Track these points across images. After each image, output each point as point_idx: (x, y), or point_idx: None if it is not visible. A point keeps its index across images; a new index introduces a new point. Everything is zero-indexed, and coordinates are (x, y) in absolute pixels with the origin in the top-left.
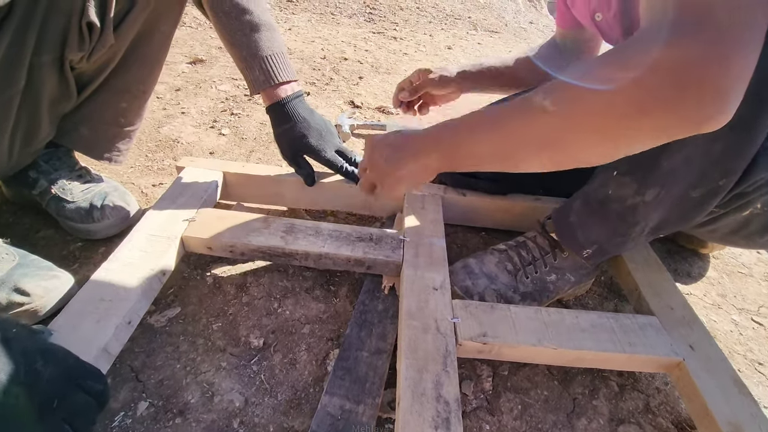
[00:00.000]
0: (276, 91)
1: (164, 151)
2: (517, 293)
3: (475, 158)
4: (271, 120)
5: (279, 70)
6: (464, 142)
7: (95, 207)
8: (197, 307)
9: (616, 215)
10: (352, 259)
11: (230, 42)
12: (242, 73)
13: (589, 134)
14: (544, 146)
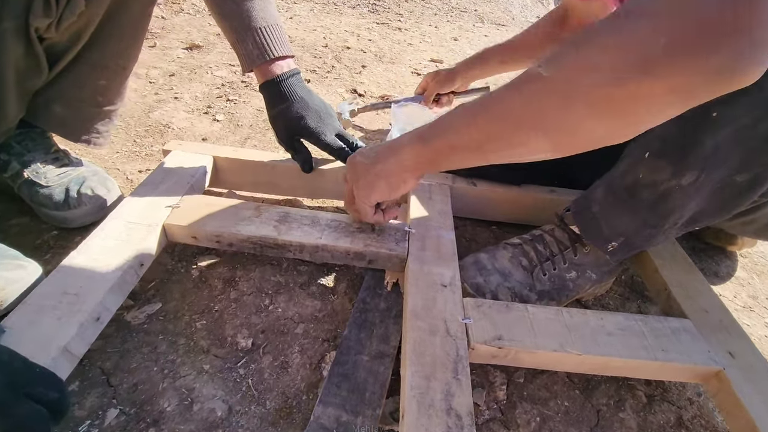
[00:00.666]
0: (271, 67)
1: (153, 136)
2: (533, 291)
3: (459, 150)
4: (266, 100)
5: (274, 43)
6: (445, 130)
7: (71, 193)
8: (180, 303)
9: (647, 204)
10: (352, 251)
11: (220, 13)
12: (233, 48)
13: (594, 101)
14: (542, 124)
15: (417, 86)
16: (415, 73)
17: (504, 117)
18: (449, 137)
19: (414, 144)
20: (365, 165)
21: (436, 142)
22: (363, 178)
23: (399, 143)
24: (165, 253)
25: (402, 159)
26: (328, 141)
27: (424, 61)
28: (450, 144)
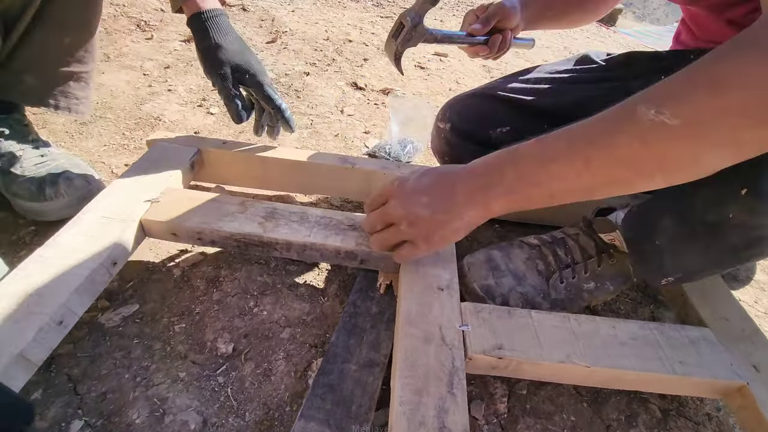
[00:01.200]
0: (201, 2)
1: (143, 129)
2: (546, 300)
3: (560, 196)
4: (197, 32)
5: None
6: (539, 176)
7: (47, 183)
8: (158, 305)
9: (731, 247)
10: (343, 251)
11: None
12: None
13: (732, 142)
14: (665, 167)
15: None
16: (419, 66)
17: (623, 163)
18: (551, 185)
19: (500, 197)
20: (436, 223)
21: (531, 191)
22: (437, 235)
23: (476, 190)
24: (146, 251)
25: (489, 208)
26: (271, 89)
27: (427, 54)
28: (551, 192)
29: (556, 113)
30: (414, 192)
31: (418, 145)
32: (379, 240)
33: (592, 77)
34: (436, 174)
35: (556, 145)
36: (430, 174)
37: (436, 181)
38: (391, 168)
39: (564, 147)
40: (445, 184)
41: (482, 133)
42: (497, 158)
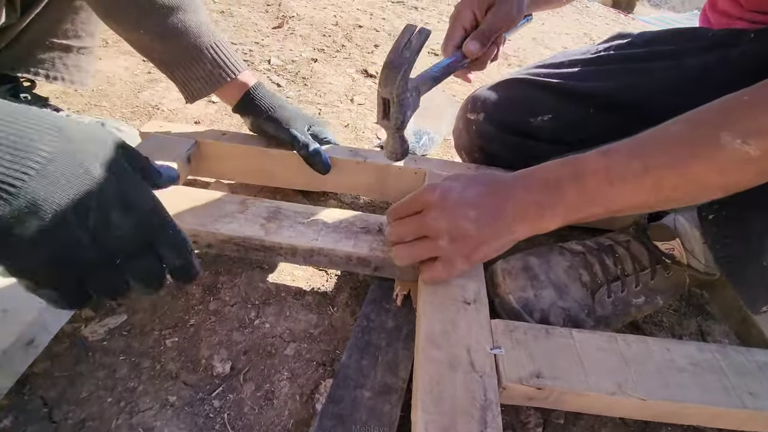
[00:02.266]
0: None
1: (140, 118)
2: (591, 317)
3: (616, 212)
4: (249, 113)
5: (234, 57)
6: (605, 195)
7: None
8: (149, 315)
9: None
10: (354, 257)
11: (159, 33)
12: (180, 72)
13: None
14: (729, 189)
15: (447, 34)
16: (432, 53)
17: (694, 185)
18: (615, 204)
19: (557, 216)
20: (481, 239)
21: (592, 210)
22: (479, 252)
23: (530, 206)
24: None
25: (543, 226)
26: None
27: (440, 40)
28: (613, 210)
29: (603, 97)
30: (460, 204)
31: (434, 136)
32: (406, 253)
33: (637, 55)
34: (484, 185)
35: (627, 164)
36: (477, 184)
37: (484, 192)
38: (409, 163)
39: (637, 167)
40: (494, 197)
41: (522, 123)
42: (555, 172)
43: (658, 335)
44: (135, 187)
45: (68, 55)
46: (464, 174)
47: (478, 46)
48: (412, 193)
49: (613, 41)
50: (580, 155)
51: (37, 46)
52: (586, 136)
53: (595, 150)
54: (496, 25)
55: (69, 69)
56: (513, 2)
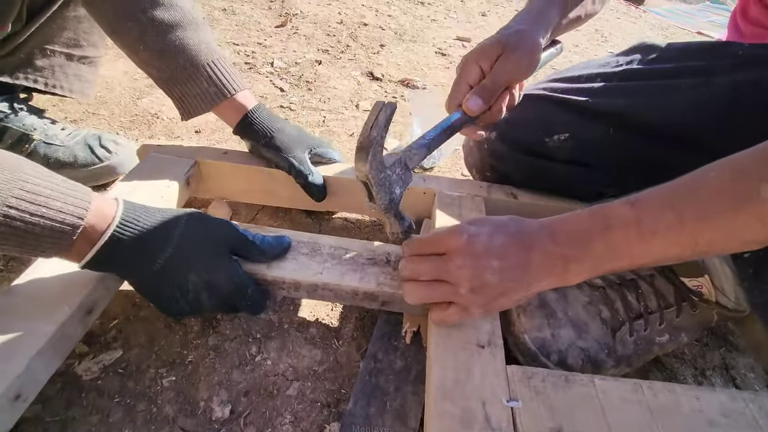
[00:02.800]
0: (239, 102)
1: (140, 128)
2: (611, 356)
3: (642, 264)
4: (249, 137)
5: (232, 76)
6: (635, 249)
7: (93, 146)
8: (145, 351)
9: None
10: (361, 292)
11: (157, 49)
12: (176, 89)
13: None
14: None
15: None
16: (440, 53)
17: (732, 237)
18: (644, 258)
19: (583, 271)
20: (502, 291)
21: (619, 264)
22: (498, 302)
23: (556, 258)
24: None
25: (567, 278)
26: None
27: (449, 39)
28: (640, 263)
29: (624, 116)
30: (486, 253)
31: (441, 148)
32: (421, 293)
33: (662, 71)
34: (511, 234)
35: (659, 216)
36: (504, 233)
37: (510, 242)
38: (418, 183)
39: (671, 220)
40: (520, 248)
41: (537, 142)
42: (583, 224)
43: (680, 369)
44: (225, 277)
45: (69, 64)
46: (490, 219)
47: (479, 103)
48: (435, 232)
49: (636, 53)
50: (608, 204)
51: (37, 54)
52: (605, 157)
53: (624, 199)
54: (502, 79)
55: (69, 78)
56: (523, 52)
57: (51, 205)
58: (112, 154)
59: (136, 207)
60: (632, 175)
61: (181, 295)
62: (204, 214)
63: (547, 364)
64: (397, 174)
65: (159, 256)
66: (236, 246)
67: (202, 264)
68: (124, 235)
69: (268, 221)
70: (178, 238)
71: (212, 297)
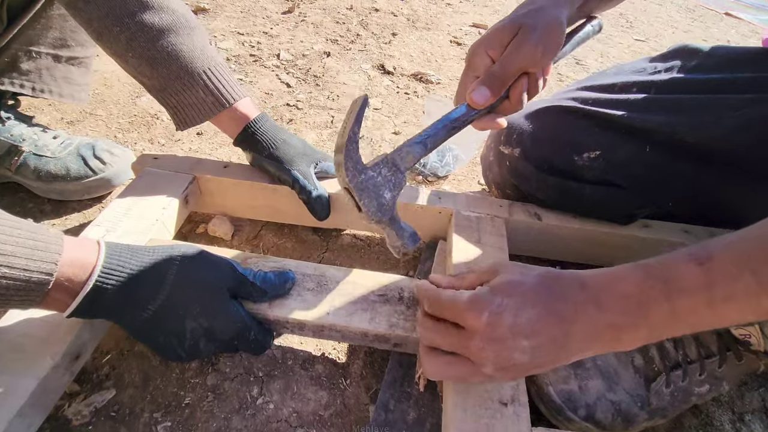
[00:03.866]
0: (240, 112)
1: (139, 129)
2: (644, 409)
3: (708, 328)
4: (250, 148)
5: (230, 84)
6: (703, 317)
7: (87, 157)
8: (140, 391)
9: None
10: (371, 334)
11: (149, 57)
12: (171, 99)
13: None
14: None
15: (459, 84)
16: (455, 41)
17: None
18: (710, 324)
19: (638, 340)
20: (534, 365)
21: (681, 330)
22: (524, 373)
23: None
24: None
25: (616, 347)
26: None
27: (465, 26)
28: (702, 329)
29: (663, 134)
30: (512, 335)
31: (458, 154)
32: (439, 370)
33: (708, 83)
34: (543, 304)
35: (735, 280)
36: (533, 302)
37: (543, 316)
38: (432, 201)
39: (752, 287)
40: (557, 320)
41: (565, 161)
42: (639, 287)
43: (716, 414)
44: (225, 322)
45: (57, 66)
46: (515, 282)
47: (485, 94)
48: (452, 293)
49: (676, 59)
50: (668, 262)
51: (22, 56)
52: (640, 178)
53: (688, 255)
54: (514, 65)
55: (57, 81)
56: (541, 32)
57: (14, 264)
58: (107, 166)
59: (121, 251)
60: (669, 197)
61: (179, 342)
62: (200, 253)
63: (574, 419)
64: (384, 176)
65: (150, 303)
66: (235, 288)
67: (199, 310)
68: (108, 284)
69: (272, 238)
70: (170, 284)
71: (212, 343)
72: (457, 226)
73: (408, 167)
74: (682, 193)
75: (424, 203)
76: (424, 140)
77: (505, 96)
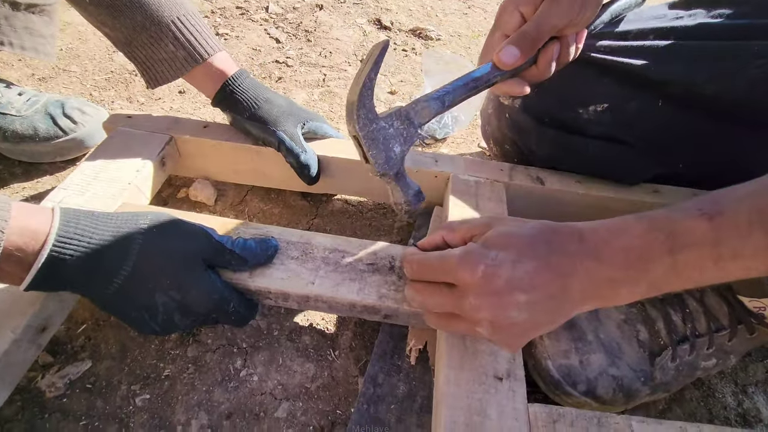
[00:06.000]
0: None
1: (116, 87)
2: (647, 384)
3: (710, 284)
4: (230, 109)
5: (203, 36)
6: (706, 273)
7: (56, 115)
8: (117, 362)
9: None
10: (360, 305)
11: (110, 6)
12: (139, 53)
13: None
14: None
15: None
16: None
17: None
18: (712, 280)
19: (636, 294)
20: (533, 323)
21: (681, 285)
22: (523, 337)
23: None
24: None
25: (608, 305)
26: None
27: None
28: (703, 284)
29: (680, 86)
30: (509, 289)
31: (458, 115)
32: (436, 323)
33: (731, 29)
34: (541, 257)
35: (748, 239)
36: (532, 256)
37: (540, 269)
38: (428, 164)
39: (759, 241)
40: (554, 274)
41: (568, 114)
42: (639, 240)
43: (719, 386)
44: (200, 295)
45: (15, 15)
46: (512, 234)
47: (515, 54)
48: (440, 253)
49: (698, 6)
50: (672, 215)
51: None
52: (650, 135)
53: (698, 210)
54: (548, 24)
55: (18, 32)
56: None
57: None
58: (78, 125)
59: (79, 217)
60: (680, 158)
61: (150, 317)
62: (171, 220)
63: (573, 394)
64: (396, 128)
65: (115, 276)
66: (212, 257)
67: (170, 282)
68: (66, 254)
69: (258, 204)
70: (137, 254)
71: (187, 317)
72: (454, 191)
73: (422, 123)
74: (694, 154)
75: (419, 167)
76: (442, 96)
77: (533, 61)
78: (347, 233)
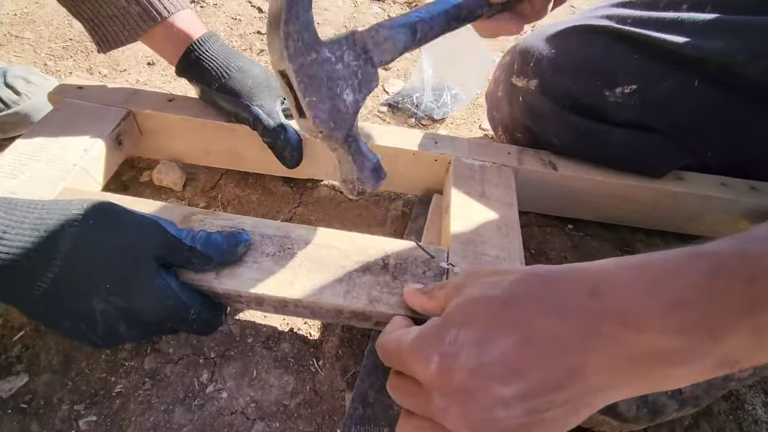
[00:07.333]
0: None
1: (75, 56)
2: (675, 399)
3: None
4: (196, 79)
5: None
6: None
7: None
8: (58, 377)
9: None
10: (347, 310)
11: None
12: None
13: None
14: None
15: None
16: None
17: None
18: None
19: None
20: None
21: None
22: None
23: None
24: None
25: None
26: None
27: None
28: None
29: (718, 65)
30: (481, 382)
31: (457, 93)
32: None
33: None
34: (524, 326)
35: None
36: (509, 328)
37: (526, 345)
38: (426, 146)
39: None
40: (552, 350)
41: (592, 96)
42: (698, 289)
43: (748, 396)
44: (150, 301)
45: None
46: (479, 301)
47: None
48: (397, 335)
49: None
50: (750, 247)
51: None
52: (683, 121)
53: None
54: None
55: None
56: None
57: None
58: (22, 97)
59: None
60: (711, 145)
61: (87, 327)
62: (113, 210)
63: None
64: (346, 64)
65: (37, 278)
66: (166, 254)
67: (110, 286)
68: None
69: (233, 189)
70: (66, 252)
71: (135, 328)
72: (456, 176)
73: (384, 60)
74: (725, 141)
75: (416, 148)
76: (414, 23)
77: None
78: (334, 224)
